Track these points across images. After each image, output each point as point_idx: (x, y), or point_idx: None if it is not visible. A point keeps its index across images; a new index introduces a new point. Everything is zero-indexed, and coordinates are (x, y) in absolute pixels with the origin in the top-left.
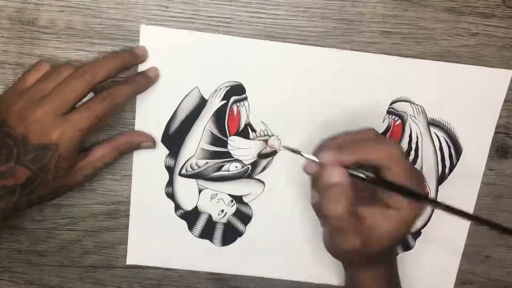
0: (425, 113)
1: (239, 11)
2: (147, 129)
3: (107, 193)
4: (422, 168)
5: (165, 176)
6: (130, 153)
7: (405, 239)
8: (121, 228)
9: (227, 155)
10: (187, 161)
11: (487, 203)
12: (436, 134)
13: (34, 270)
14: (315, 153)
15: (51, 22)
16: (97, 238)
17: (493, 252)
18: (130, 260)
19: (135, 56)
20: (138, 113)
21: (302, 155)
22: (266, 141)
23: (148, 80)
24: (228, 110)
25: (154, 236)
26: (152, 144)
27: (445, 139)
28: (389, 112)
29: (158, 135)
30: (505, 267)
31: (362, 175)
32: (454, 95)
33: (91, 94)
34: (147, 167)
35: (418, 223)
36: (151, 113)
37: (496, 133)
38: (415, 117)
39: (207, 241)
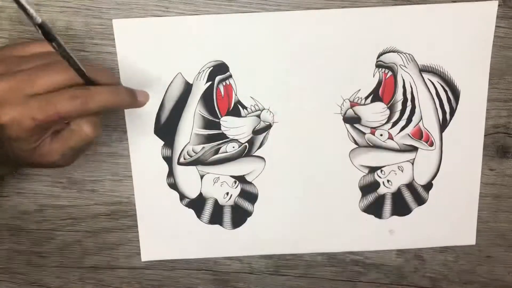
0: (415, 61)
1: (239, 11)
2: (138, 123)
3: (108, 194)
4: (422, 118)
5: (165, 167)
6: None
7: (417, 194)
8: (122, 229)
9: (222, 136)
10: (183, 149)
11: (488, 203)
12: (430, 80)
13: (35, 271)
14: None
15: (52, 22)
16: (98, 239)
17: (494, 252)
18: (145, 257)
19: (133, 98)
20: (127, 109)
21: None
22: (258, 116)
23: (134, 99)
24: (215, 91)
25: (164, 230)
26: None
27: (440, 84)
28: (378, 66)
29: (150, 127)
30: (506, 267)
31: None
32: (442, 37)
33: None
34: (146, 162)
35: (427, 174)
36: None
37: (496, 133)
38: (405, 66)
39: (217, 226)
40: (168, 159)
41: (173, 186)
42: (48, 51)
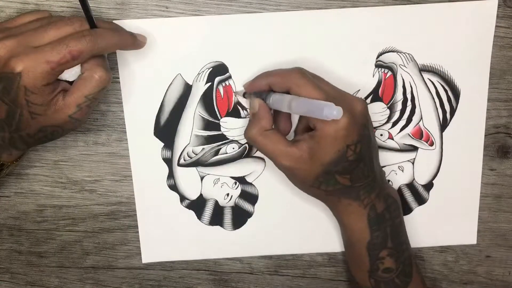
0: (415, 60)
1: (239, 11)
2: (137, 125)
3: (107, 194)
4: (422, 117)
5: (165, 169)
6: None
7: (418, 193)
8: (122, 229)
9: (222, 137)
10: (183, 150)
11: (488, 203)
12: (430, 80)
13: (35, 271)
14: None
15: None
16: (98, 239)
17: (494, 252)
18: (145, 258)
19: (134, 38)
20: (126, 110)
21: (236, 94)
22: None
23: (134, 40)
24: (214, 92)
25: (165, 231)
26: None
27: (440, 83)
28: (377, 66)
29: (149, 129)
30: (506, 267)
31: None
32: (442, 37)
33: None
34: (145, 163)
35: (428, 174)
36: (139, 108)
37: (496, 133)
38: (405, 66)
39: (218, 227)
40: (168, 161)
41: (173, 187)
42: (43, 16)
